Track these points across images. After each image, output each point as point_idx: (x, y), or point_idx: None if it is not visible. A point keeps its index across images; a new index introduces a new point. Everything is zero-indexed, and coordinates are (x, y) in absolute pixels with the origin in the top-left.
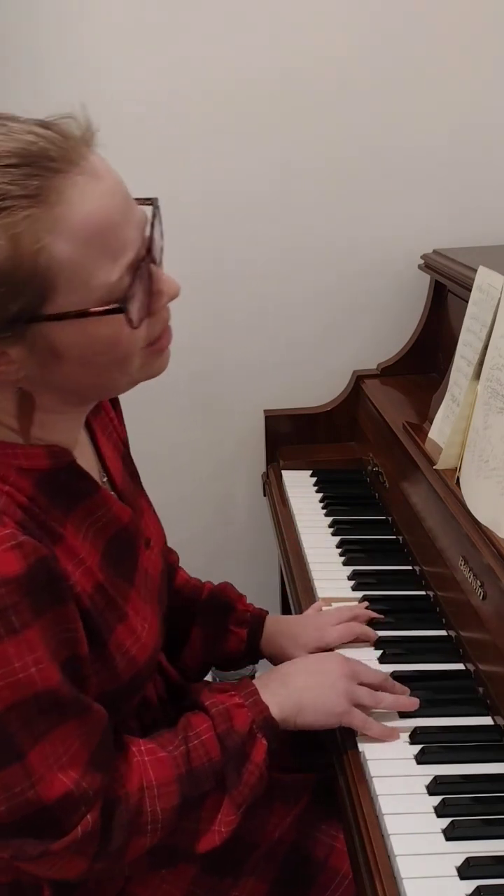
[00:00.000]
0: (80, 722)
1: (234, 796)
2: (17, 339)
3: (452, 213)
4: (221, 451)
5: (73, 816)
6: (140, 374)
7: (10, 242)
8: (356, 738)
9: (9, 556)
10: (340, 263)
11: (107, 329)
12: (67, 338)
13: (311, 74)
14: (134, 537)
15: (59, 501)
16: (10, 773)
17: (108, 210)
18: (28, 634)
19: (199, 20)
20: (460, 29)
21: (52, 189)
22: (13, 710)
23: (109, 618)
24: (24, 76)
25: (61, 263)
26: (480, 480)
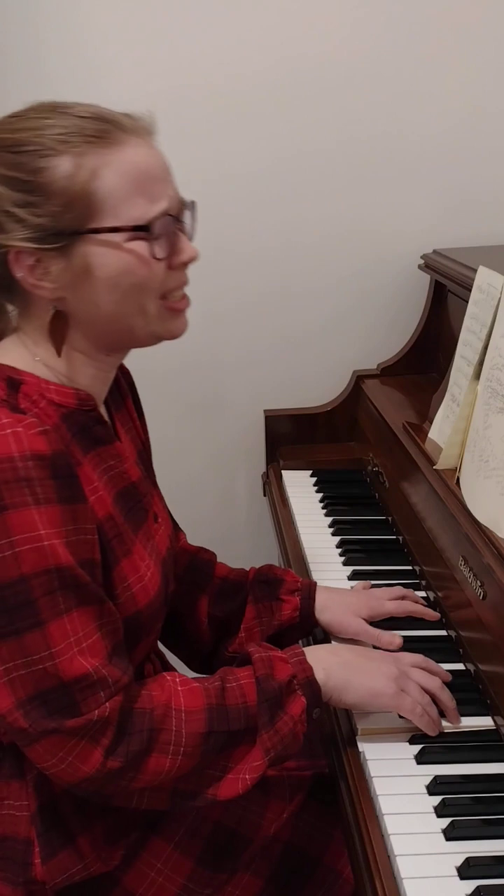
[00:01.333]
0: (99, 611)
1: (264, 740)
2: (59, 253)
3: (452, 213)
4: (221, 450)
5: (90, 699)
6: (158, 325)
7: (73, 166)
8: (356, 738)
9: (37, 438)
10: (340, 263)
11: (132, 255)
12: (101, 257)
13: (311, 76)
14: (143, 502)
15: (80, 439)
16: (30, 640)
17: (152, 164)
18: (52, 510)
19: (200, 8)
20: (461, 30)
21: (114, 138)
22: (36, 577)
23: (116, 548)
24: (24, 71)
25: (108, 191)
26: (480, 480)
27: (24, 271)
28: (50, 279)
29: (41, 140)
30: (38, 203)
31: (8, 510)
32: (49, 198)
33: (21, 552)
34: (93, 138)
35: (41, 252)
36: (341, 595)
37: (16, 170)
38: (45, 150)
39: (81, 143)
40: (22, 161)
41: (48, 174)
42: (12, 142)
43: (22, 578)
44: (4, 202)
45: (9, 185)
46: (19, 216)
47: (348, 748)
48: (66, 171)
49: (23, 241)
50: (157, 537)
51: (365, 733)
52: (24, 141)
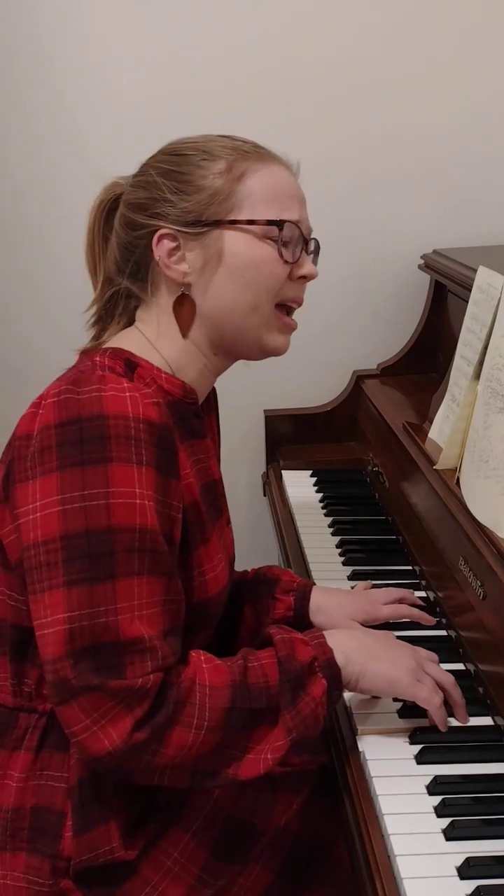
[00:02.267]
0: (168, 585)
1: (286, 720)
2: (197, 239)
3: (452, 213)
4: (221, 450)
5: (138, 665)
6: (266, 332)
7: (227, 167)
8: (356, 738)
9: (151, 407)
10: (341, 263)
11: (262, 250)
12: (233, 246)
13: (312, 77)
14: (220, 500)
15: (180, 427)
16: (100, 590)
17: (293, 185)
18: (149, 473)
19: (201, 10)
20: (461, 32)
21: (266, 157)
22: (121, 532)
23: (196, 534)
24: (28, 67)
25: (251, 190)
26: (480, 480)
27: (163, 253)
28: (184, 262)
29: (205, 148)
30: (189, 192)
31: (112, 462)
32: (199, 189)
33: (114, 504)
34: (247, 153)
35: (182, 235)
36: (337, 597)
37: (177, 166)
38: (206, 155)
39: (237, 153)
40: (185, 161)
41: (203, 171)
42: (180, 149)
43: (109, 529)
44: (162, 190)
45: (168, 178)
46: (171, 201)
47: (348, 748)
48: (219, 169)
49: (169, 224)
50: (227, 538)
51: (365, 733)
52: (190, 148)
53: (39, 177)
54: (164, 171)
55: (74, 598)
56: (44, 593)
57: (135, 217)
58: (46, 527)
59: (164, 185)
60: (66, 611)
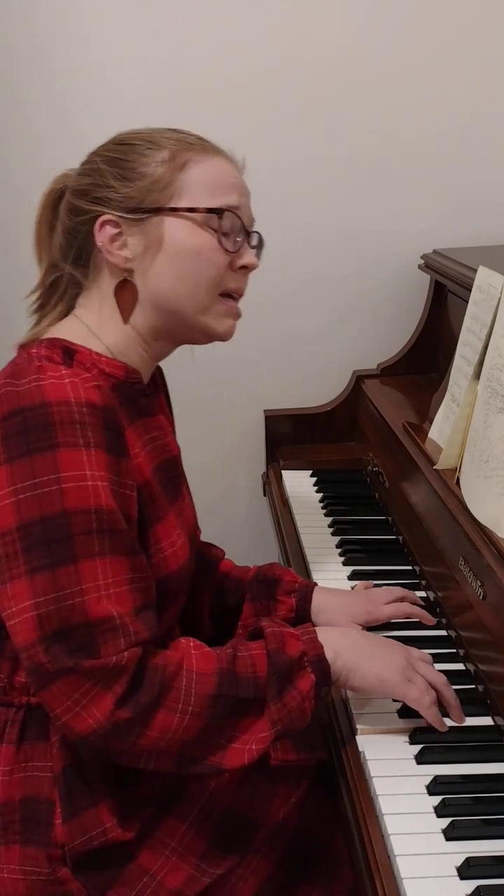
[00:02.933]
0: (131, 562)
1: (272, 712)
2: (139, 226)
3: (452, 212)
4: (221, 450)
5: (110, 644)
6: (209, 317)
7: (170, 157)
8: (356, 738)
9: (92, 390)
10: (341, 263)
11: (202, 237)
12: (174, 233)
13: (312, 77)
14: (178, 476)
15: (127, 408)
16: (63, 574)
17: (235, 176)
18: (99, 454)
19: (200, 10)
20: (461, 31)
21: (210, 150)
22: (77, 515)
23: (151, 512)
24: (28, 67)
25: (193, 179)
26: (480, 480)
27: (105, 239)
28: (126, 248)
29: (150, 138)
30: (132, 179)
31: (59, 448)
32: (142, 177)
33: (66, 489)
34: (192, 144)
35: (124, 222)
36: (339, 598)
37: (122, 154)
38: (151, 144)
39: (182, 146)
40: (130, 149)
41: (146, 159)
42: (127, 139)
43: (64, 513)
44: (106, 177)
45: (112, 165)
46: (114, 187)
47: (348, 748)
48: (161, 158)
49: (111, 210)
50: (187, 514)
51: (365, 733)
52: (136, 138)
53: (39, 177)
54: (109, 159)
55: (39, 585)
56: (6, 584)
57: (78, 203)
58: (1, 519)
59: (107, 171)
60: (31, 598)
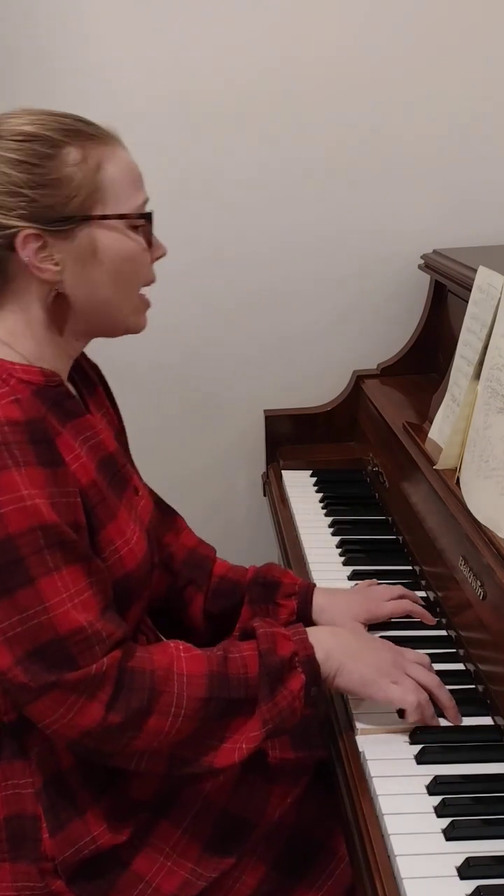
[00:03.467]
0: (87, 567)
1: (263, 711)
2: (68, 235)
3: (452, 213)
4: (221, 450)
5: (87, 653)
6: (133, 315)
7: (82, 157)
8: (356, 738)
9: (11, 406)
10: (341, 263)
11: (133, 243)
12: (104, 240)
13: (312, 77)
14: (122, 471)
15: (55, 411)
16: (23, 596)
17: (134, 166)
18: (32, 472)
19: (200, 10)
20: (461, 31)
21: (106, 139)
22: (22, 536)
23: (101, 513)
24: (27, 68)
25: (111, 180)
26: (480, 480)
27: (31, 255)
28: (53, 262)
29: (47, 132)
30: (49, 185)
31: None
32: (60, 183)
33: (5, 513)
34: (91, 136)
35: (48, 235)
36: (340, 597)
37: (26, 155)
38: (54, 141)
39: (83, 139)
40: (32, 148)
41: (58, 161)
42: (17, 133)
43: (8, 537)
44: (16, 184)
45: (18, 169)
46: (31, 197)
47: (348, 747)
48: (74, 159)
49: (33, 224)
50: (140, 508)
51: (365, 733)
52: (30, 132)
53: None
54: (10, 161)
55: (1, 611)
56: None
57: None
58: None
59: (18, 178)
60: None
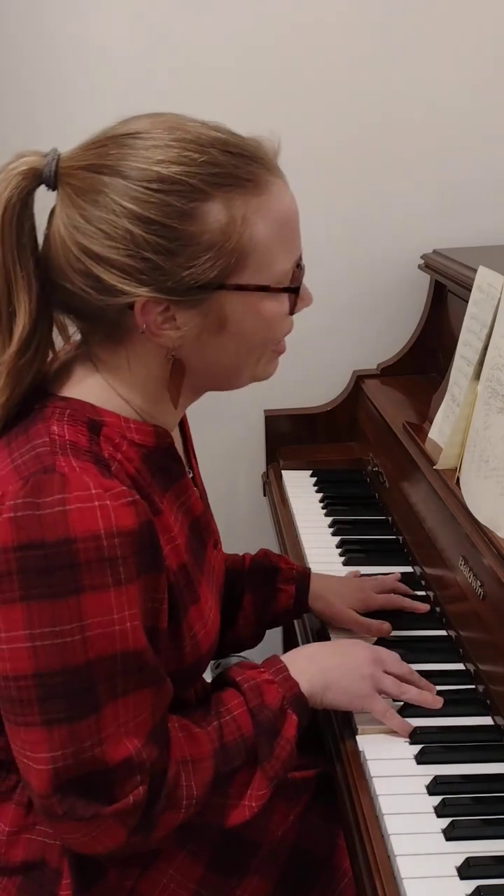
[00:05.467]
0: (154, 692)
1: (266, 770)
2: (196, 304)
3: (452, 212)
4: (221, 450)
5: (128, 784)
6: (261, 370)
7: (227, 215)
8: (356, 738)
9: (125, 511)
10: (340, 263)
11: (271, 310)
12: (238, 311)
13: (310, 76)
14: (205, 530)
15: (159, 479)
16: (83, 727)
17: (294, 211)
18: (131, 590)
19: (196, 2)
20: (462, 29)
21: (263, 180)
22: (102, 662)
23: (187, 598)
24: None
25: (258, 242)
26: (480, 480)
27: (150, 322)
28: (174, 328)
29: (189, 179)
30: (182, 252)
31: (85, 592)
32: (197, 248)
33: (91, 637)
34: (246, 181)
35: (173, 303)
36: (334, 585)
37: (157, 211)
38: (194, 191)
39: (232, 186)
40: (167, 202)
41: (198, 223)
42: (150, 178)
43: (88, 664)
44: (141, 246)
45: (148, 230)
46: (158, 265)
47: (348, 748)
48: (217, 219)
49: (157, 293)
50: (216, 564)
51: (365, 733)
52: (166, 177)
53: None
54: (139, 217)
55: (56, 739)
56: (20, 728)
57: (103, 276)
58: (15, 662)
59: (142, 239)
60: (48, 751)
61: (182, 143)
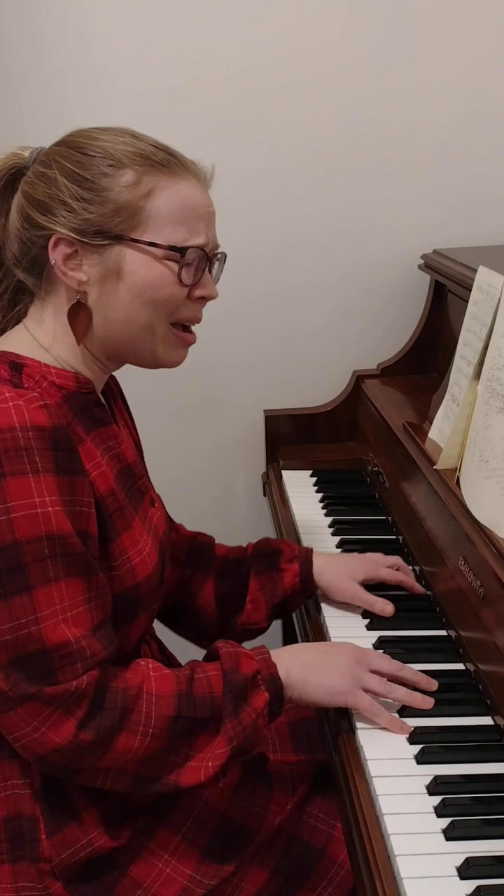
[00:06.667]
0: (88, 582)
1: (227, 729)
2: (96, 250)
3: (452, 212)
4: (221, 450)
5: (68, 669)
6: (161, 347)
7: (134, 180)
8: (356, 737)
9: (38, 412)
10: (340, 263)
11: (161, 272)
12: (132, 263)
13: (311, 75)
14: (139, 482)
15: (81, 418)
16: (17, 604)
17: (201, 203)
18: (48, 479)
19: (197, 6)
20: (461, 29)
21: (175, 170)
22: (28, 544)
23: (118, 521)
24: (27, 68)
25: (157, 211)
26: (480, 480)
27: (59, 258)
28: (81, 271)
29: (113, 152)
30: (93, 201)
31: (6, 477)
32: (104, 200)
33: (16, 518)
34: (157, 164)
35: (81, 244)
36: (338, 560)
37: (82, 168)
38: (114, 161)
39: (146, 165)
40: (92, 164)
41: (110, 180)
42: (87, 147)
43: (15, 543)
44: (63, 193)
45: (72, 180)
46: (73, 208)
47: (348, 747)
48: (126, 181)
49: (68, 231)
50: (155, 520)
51: (364, 732)
52: (97, 148)
53: None
54: (68, 172)
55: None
56: None
57: (32, 214)
58: None
59: (65, 186)
60: None
61: (116, 131)
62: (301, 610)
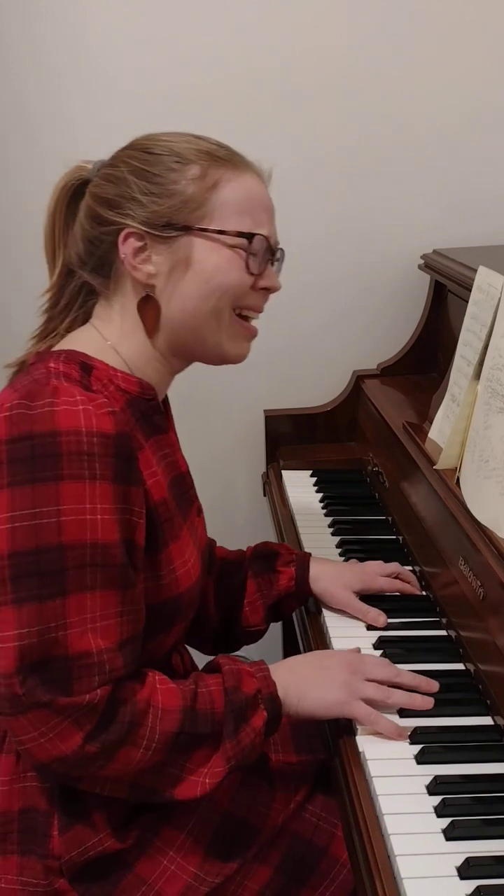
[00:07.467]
0: (123, 595)
1: (227, 749)
2: (165, 242)
3: (452, 212)
4: (221, 450)
5: (85, 681)
6: (226, 338)
7: (200, 174)
8: (356, 738)
9: (106, 418)
10: (341, 263)
11: (230, 256)
12: (201, 252)
13: (311, 75)
14: (189, 492)
15: (142, 424)
16: (50, 607)
17: (264, 197)
18: (104, 486)
19: (198, 6)
20: (461, 29)
21: (241, 166)
22: (73, 549)
23: (167, 531)
24: (26, 67)
25: (223, 201)
26: (480, 480)
27: (129, 251)
28: (150, 263)
29: (178, 150)
30: (162, 195)
31: (64, 480)
32: (171, 194)
33: (65, 521)
34: (221, 159)
35: (150, 237)
36: (335, 567)
37: (149, 165)
38: (180, 157)
39: (210, 160)
40: (157, 160)
41: (177, 174)
42: (152, 147)
43: (60, 546)
44: (133, 189)
45: (139, 177)
46: (142, 202)
47: (348, 748)
48: (192, 175)
49: (138, 224)
50: (200, 529)
51: (365, 733)
52: (163, 147)
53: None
54: (136, 169)
55: (24, 616)
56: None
57: (101, 212)
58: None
59: (134, 183)
60: (15, 628)
61: (179, 134)
62: (301, 610)
